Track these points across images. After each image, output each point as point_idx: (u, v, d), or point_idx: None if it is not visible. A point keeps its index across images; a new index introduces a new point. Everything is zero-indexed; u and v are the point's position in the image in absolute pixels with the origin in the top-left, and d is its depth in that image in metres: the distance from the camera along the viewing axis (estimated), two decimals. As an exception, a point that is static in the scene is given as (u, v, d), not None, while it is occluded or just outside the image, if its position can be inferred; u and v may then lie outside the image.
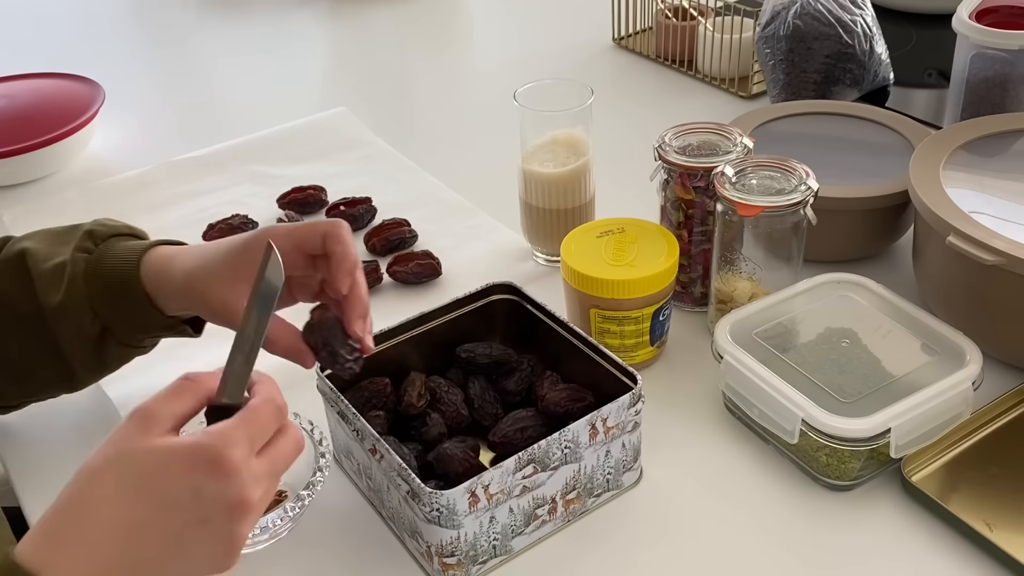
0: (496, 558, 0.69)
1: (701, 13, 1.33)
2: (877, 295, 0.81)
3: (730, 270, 0.84)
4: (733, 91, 1.30)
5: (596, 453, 0.70)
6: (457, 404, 0.77)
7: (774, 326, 0.79)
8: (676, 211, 0.87)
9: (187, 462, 0.51)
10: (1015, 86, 1.02)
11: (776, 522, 0.72)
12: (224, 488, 0.51)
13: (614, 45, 1.45)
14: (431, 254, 0.97)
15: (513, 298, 0.81)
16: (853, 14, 1.15)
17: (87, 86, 1.29)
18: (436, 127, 1.30)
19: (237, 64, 1.51)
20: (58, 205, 1.14)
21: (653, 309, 0.82)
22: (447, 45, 1.56)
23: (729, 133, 0.88)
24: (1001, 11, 1.04)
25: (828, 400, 0.72)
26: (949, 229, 0.78)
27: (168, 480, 0.51)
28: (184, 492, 0.51)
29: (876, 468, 0.73)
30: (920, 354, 0.76)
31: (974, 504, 0.71)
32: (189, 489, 0.51)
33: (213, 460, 0.51)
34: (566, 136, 0.94)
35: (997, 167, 0.89)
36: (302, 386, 0.80)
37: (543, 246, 0.99)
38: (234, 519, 0.52)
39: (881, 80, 1.20)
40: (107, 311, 0.73)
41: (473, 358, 0.79)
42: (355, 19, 1.63)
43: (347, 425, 0.71)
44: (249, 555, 0.71)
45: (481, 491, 0.64)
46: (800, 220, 0.81)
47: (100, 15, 1.72)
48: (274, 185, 1.13)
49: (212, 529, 0.52)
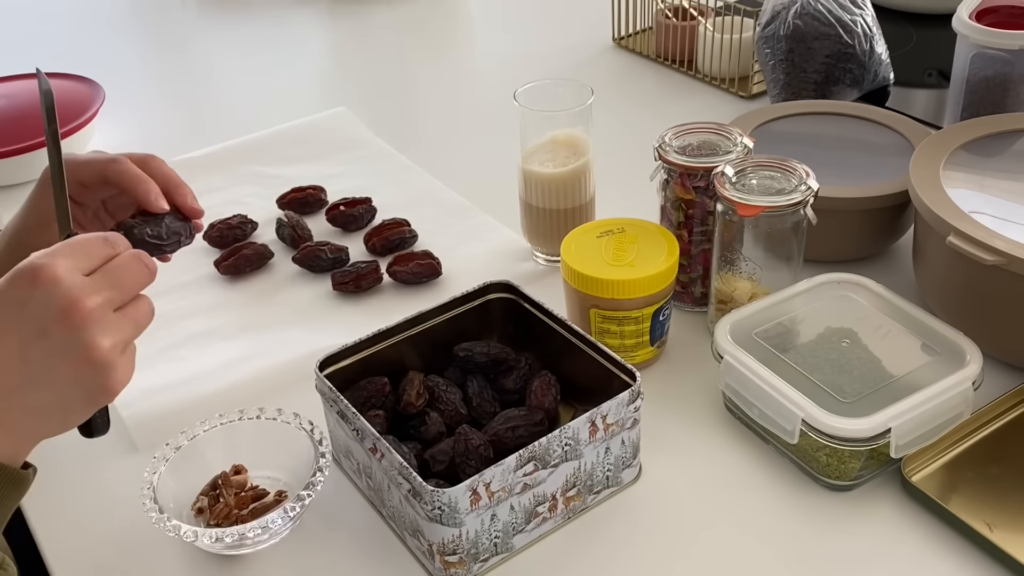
0: (497, 555, 0.69)
1: (701, 13, 1.33)
2: (877, 295, 0.81)
3: (730, 270, 0.84)
4: (733, 91, 1.30)
5: (596, 450, 0.70)
6: (456, 403, 0.77)
7: (774, 326, 0.79)
8: (676, 211, 0.87)
9: (8, 281, 0.52)
10: (1015, 86, 1.02)
11: (776, 522, 0.72)
12: (48, 295, 0.51)
13: (614, 45, 1.46)
14: (431, 254, 0.97)
15: (510, 297, 0.81)
16: (853, 14, 1.15)
17: (87, 86, 1.29)
18: (436, 127, 1.30)
19: (237, 64, 1.51)
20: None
21: (653, 309, 0.82)
22: (447, 45, 1.56)
23: (729, 133, 0.88)
24: (1001, 11, 1.05)
25: (828, 400, 0.72)
26: (949, 229, 0.78)
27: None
28: (11, 310, 0.51)
29: (876, 468, 0.73)
30: (920, 354, 0.76)
31: (974, 504, 0.71)
32: (15, 305, 0.51)
33: (31, 272, 0.52)
34: (566, 136, 0.94)
35: (997, 167, 0.89)
36: (302, 386, 0.81)
37: (543, 246, 0.99)
38: (73, 327, 0.51)
39: (881, 80, 1.20)
40: None
41: (471, 357, 0.79)
42: (355, 19, 1.63)
43: (347, 424, 0.71)
44: (249, 555, 0.71)
45: (482, 489, 0.64)
46: (800, 220, 0.81)
47: (100, 15, 1.72)
48: (274, 185, 1.13)
49: (55, 342, 0.51)
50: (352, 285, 0.96)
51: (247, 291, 0.98)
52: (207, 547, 0.69)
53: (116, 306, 0.54)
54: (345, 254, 1.00)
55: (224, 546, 0.69)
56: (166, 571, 0.71)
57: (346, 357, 0.76)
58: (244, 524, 0.68)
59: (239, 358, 0.89)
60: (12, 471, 0.53)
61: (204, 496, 0.73)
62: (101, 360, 0.53)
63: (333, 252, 0.99)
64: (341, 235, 1.05)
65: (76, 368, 0.52)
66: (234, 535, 0.67)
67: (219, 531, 0.67)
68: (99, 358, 0.52)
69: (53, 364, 0.52)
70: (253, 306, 0.96)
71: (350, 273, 0.96)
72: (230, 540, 0.68)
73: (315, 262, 0.99)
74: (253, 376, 0.87)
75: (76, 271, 0.53)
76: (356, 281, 0.96)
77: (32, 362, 0.52)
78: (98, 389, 0.54)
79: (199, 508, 0.72)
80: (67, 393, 0.53)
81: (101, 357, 0.52)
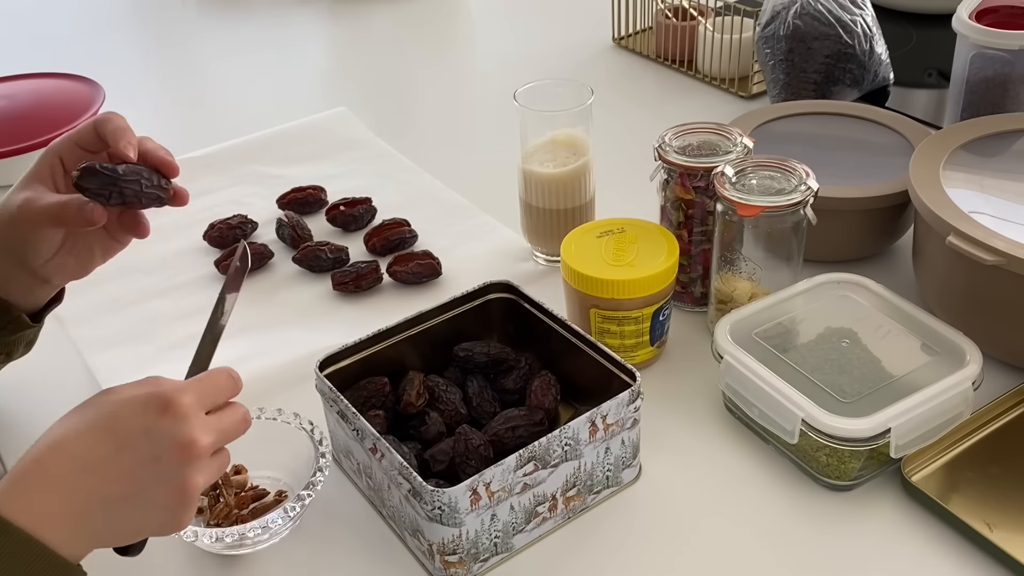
0: (497, 555, 0.69)
1: (701, 13, 1.33)
2: (877, 295, 0.81)
3: (730, 270, 0.84)
4: (733, 91, 1.30)
5: (596, 450, 0.70)
6: (456, 403, 0.77)
7: (774, 326, 0.79)
8: (676, 211, 0.87)
9: (141, 404, 0.56)
10: (1015, 86, 1.02)
11: (776, 522, 0.72)
12: (173, 428, 0.56)
13: (614, 45, 1.46)
14: (431, 254, 0.97)
15: (510, 297, 0.81)
16: (853, 14, 1.15)
17: (87, 86, 1.29)
18: (436, 127, 1.30)
19: (237, 64, 1.51)
20: (58, 205, 1.14)
21: (653, 309, 0.82)
22: (447, 45, 1.56)
23: (729, 133, 0.88)
24: (1001, 11, 1.05)
25: (828, 400, 0.72)
26: (949, 229, 0.78)
27: (124, 420, 0.56)
28: (138, 430, 0.55)
29: (876, 468, 0.73)
30: (920, 354, 0.76)
31: (974, 504, 0.71)
32: (142, 428, 0.55)
33: (164, 402, 0.56)
34: (566, 136, 0.94)
35: (997, 167, 0.89)
36: (302, 386, 0.81)
37: (543, 246, 0.99)
38: (184, 461, 0.56)
39: (881, 80, 1.20)
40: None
41: (471, 357, 0.79)
42: (355, 19, 1.63)
43: (347, 424, 0.71)
44: (249, 555, 0.71)
45: (482, 489, 0.64)
46: (800, 220, 0.81)
47: (100, 15, 1.72)
48: (274, 185, 1.13)
49: (164, 468, 0.55)
50: (352, 285, 0.96)
51: (247, 291, 0.98)
52: (207, 547, 0.69)
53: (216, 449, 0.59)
54: (345, 254, 1.00)
55: (224, 546, 0.69)
56: (166, 571, 0.71)
57: (346, 357, 0.76)
58: (244, 524, 0.68)
59: (239, 358, 0.89)
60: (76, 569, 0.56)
61: (204, 496, 0.73)
62: (191, 496, 0.57)
63: (333, 252, 0.99)
64: (341, 235, 1.05)
65: (170, 497, 0.56)
66: (234, 535, 0.67)
67: (219, 531, 0.67)
68: (191, 494, 0.57)
69: (154, 488, 0.56)
70: (253, 306, 0.96)
71: (350, 273, 0.96)
72: (230, 540, 0.68)
73: (315, 262, 0.99)
74: (253, 376, 0.86)
75: (201, 409, 0.58)
76: (356, 281, 0.96)
77: (138, 481, 0.56)
78: (174, 522, 0.57)
79: (199, 508, 0.72)
80: (151, 517, 0.57)
81: (192, 493, 0.57)
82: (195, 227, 1.06)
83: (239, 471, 0.75)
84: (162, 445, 0.56)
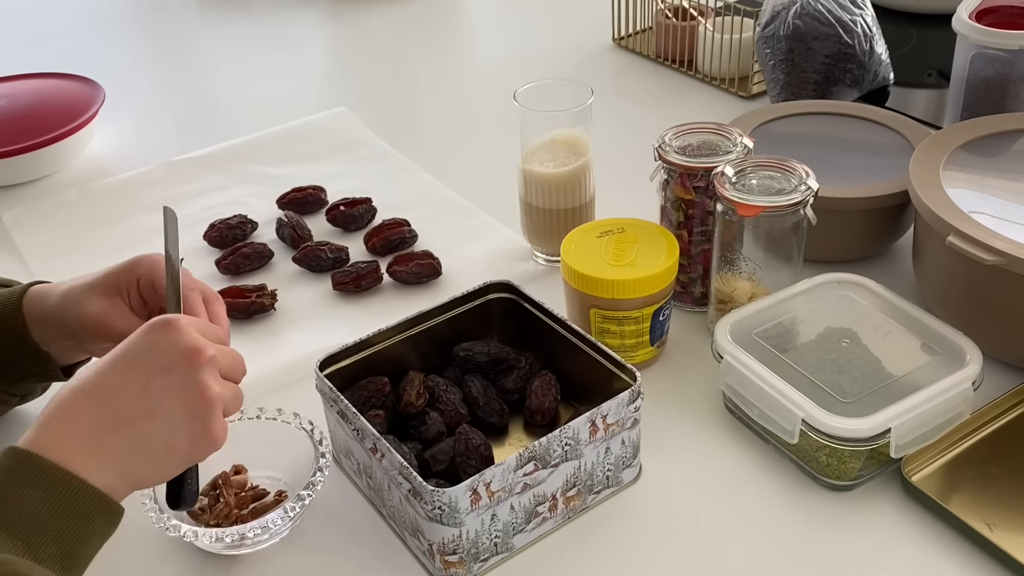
0: (497, 555, 0.69)
1: (701, 13, 1.33)
2: (877, 295, 0.81)
3: (730, 270, 0.84)
4: (733, 91, 1.30)
5: (596, 450, 0.70)
6: (456, 403, 0.77)
7: (774, 326, 0.79)
8: (676, 211, 0.87)
9: (142, 330, 0.60)
10: (1015, 86, 1.02)
11: (776, 522, 0.72)
12: (177, 338, 0.59)
13: (614, 45, 1.46)
14: (431, 254, 0.97)
15: (510, 296, 0.81)
16: (853, 14, 1.15)
17: (87, 86, 1.29)
18: (436, 127, 1.30)
19: (237, 64, 1.51)
20: (58, 205, 1.14)
21: (653, 309, 0.82)
22: (447, 45, 1.56)
23: (729, 133, 0.88)
24: (1001, 11, 1.05)
25: (828, 400, 0.72)
26: (949, 229, 0.78)
27: (128, 344, 0.60)
28: (142, 348, 0.59)
29: (876, 468, 0.73)
30: (920, 354, 0.76)
31: (974, 504, 0.71)
32: (146, 345, 0.59)
33: (163, 322, 0.60)
34: (566, 136, 0.94)
35: (997, 167, 0.89)
36: (302, 386, 0.81)
37: (543, 246, 0.99)
38: (194, 366, 0.58)
39: (881, 80, 1.20)
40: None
41: (471, 357, 0.79)
42: (355, 19, 1.63)
43: (347, 424, 0.71)
44: (249, 555, 0.71)
45: (483, 488, 0.64)
46: (800, 220, 0.81)
47: (100, 15, 1.72)
48: (274, 185, 1.13)
49: (176, 378, 0.58)
50: (352, 285, 0.96)
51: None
52: (207, 547, 0.70)
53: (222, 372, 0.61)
54: (345, 254, 1.00)
55: (224, 546, 0.69)
56: (166, 571, 0.71)
57: (346, 357, 0.76)
58: (244, 524, 0.68)
59: (239, 358, 0.89)
60: (112, 503, 0.57)
61: (204, 496, 0.73)
62: (211, 399, 0.59)
63: (333, 252, 0.99)
64: (341, 235, 1.05)
65: (189, 405, 0.58)
66: (234, 535, 0.67)
67: (219, 531, 0.67)
68: (210, 397, 0.59)
69: (170, 400, 0.58)
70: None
71: (350, 273, 0.96)
72: (230, 540, 0.68)
73: (315, 262, 0.99)
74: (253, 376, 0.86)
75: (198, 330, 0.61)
76: (356, 281, 0.96)
77: (152, 394, 0.58)
78: (202, 433, 0.59)
79: (199, 508, 0.72)
80: (177, 432, 0.58)
81: (212, 396, 0.59)
82: (195, 227, 1.06)
83: (239, 471, 0.75)
84: (169, 355, 0.58)
